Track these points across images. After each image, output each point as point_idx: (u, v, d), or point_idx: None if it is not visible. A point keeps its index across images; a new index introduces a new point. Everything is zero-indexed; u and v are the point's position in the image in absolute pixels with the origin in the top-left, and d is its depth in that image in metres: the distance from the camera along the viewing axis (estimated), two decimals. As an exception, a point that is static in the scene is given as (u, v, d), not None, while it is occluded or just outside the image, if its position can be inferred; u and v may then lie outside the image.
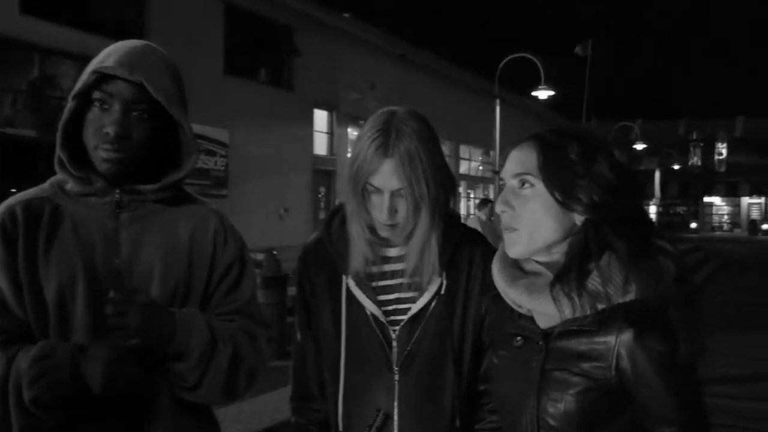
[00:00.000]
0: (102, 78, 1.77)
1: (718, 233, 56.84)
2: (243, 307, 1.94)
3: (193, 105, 1.81)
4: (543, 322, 1.62)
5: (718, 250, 31.24)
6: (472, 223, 11.41)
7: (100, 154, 1.77)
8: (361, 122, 23.36)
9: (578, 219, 1.57)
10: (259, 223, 17.94)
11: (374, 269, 1.91)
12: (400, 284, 1.89)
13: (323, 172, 21.34)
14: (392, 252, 1.91)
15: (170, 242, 1.88)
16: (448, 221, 1.89)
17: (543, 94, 20.82)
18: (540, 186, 1.58)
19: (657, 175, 41.90)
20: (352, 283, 1.89)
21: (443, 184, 1.87)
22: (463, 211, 31.38)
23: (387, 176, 1.79)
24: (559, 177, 1.56)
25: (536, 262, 1.63)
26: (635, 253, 1.51)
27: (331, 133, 22.23)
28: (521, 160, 1.62)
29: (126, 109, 1.77)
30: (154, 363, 1.76)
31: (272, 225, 18.82)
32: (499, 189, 1.69)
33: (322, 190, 21.65)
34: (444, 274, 1.87)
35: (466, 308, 1.88)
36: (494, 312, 1.78)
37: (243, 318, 1.93)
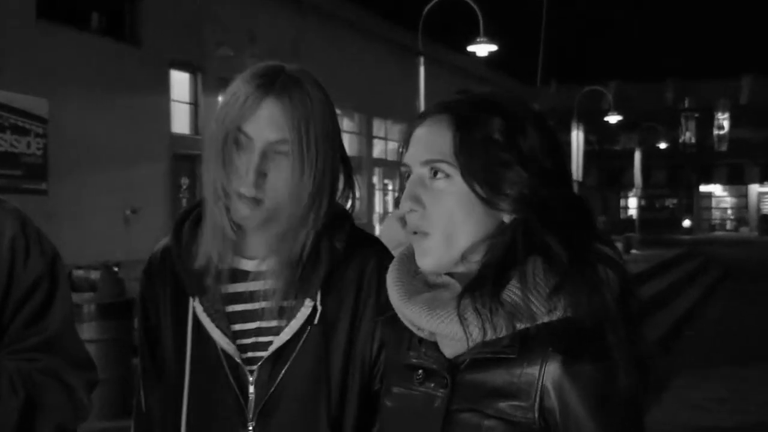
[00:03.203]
0: None
1: (719, 233, 58.64)
2: (52, 340, 1.93)
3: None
4: (449, 349, 1.64)
5: (720, 255, 32.24)
6: (390, 224, 11.42)
7: None
8: (236, 88, 23.18)
9: (506, 217, 1.62)
10: (95, 228, 17.67)
11: (229, 288, 1.92)
12: (263, 310, 1.90)
13: (185, 158, 21.14)
14: (249, 265, 1.93)
15: None
16: (331, 221, 1.91)
17: (483, 49, 21.08)
18: (458, 177, 1.61)
19: (637, 156, 42.97)
20: (199, 308, 1.90)
21: (332, 169, 1.89)
22: (378, 208, 31.57)
23: (265, 120, 1.80)
24: (481, 166, 1.60)
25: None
26: (569, 259, 1.56)
27: (195, 104, 22.07)
28: (432, 142, 1.65)
29: None
30: None
31: (113, 231, 18.56)
32: (401, 177, 1.71)
33: (185, 181, 21.45)
34: (318, 297, 1.88)
35: (352, 343, 1.90)
36: (390, 339, 1.81)
37: (51, 356, 1.92)
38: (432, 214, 1.62)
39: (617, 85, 53.46)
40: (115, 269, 8.99)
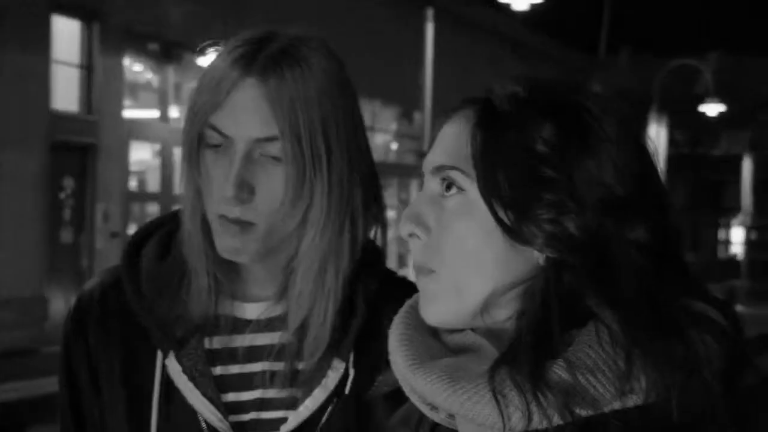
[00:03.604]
0: None
1: None
2: None
3: None
4: None
5: None
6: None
7: None
8: (152, 45, 23.18)
9: (540, 257, 1.62)
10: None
11: (215, 342, 1.97)
12: (265, 373, 1.96)
13: (72, 148, 21.13)
14: (251, 311, 1.98)
15: None
16: (362, 256, 1.98)
17: (522, 1, 21.16)
18: (474, 192, 1.63)
19: (747, 166, 42.87)
20: (175, 368, 1.94)
21: (359, 171, 1.97)
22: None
23: (240, 110, 1.85)
24: (507, 180, 1.60)
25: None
26: (645, 325, 1.56)
27: (88, 68, 22.05)
28: (446, 142, 1.68)
29: None
30: None
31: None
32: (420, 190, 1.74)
33: (68, 184, 21.41)
34: (351, 358, 1.95)
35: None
36: (394, 422, 1.82)
37: None
38: (439, 243, 1.64)
39: (720, 58, 53.21)
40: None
